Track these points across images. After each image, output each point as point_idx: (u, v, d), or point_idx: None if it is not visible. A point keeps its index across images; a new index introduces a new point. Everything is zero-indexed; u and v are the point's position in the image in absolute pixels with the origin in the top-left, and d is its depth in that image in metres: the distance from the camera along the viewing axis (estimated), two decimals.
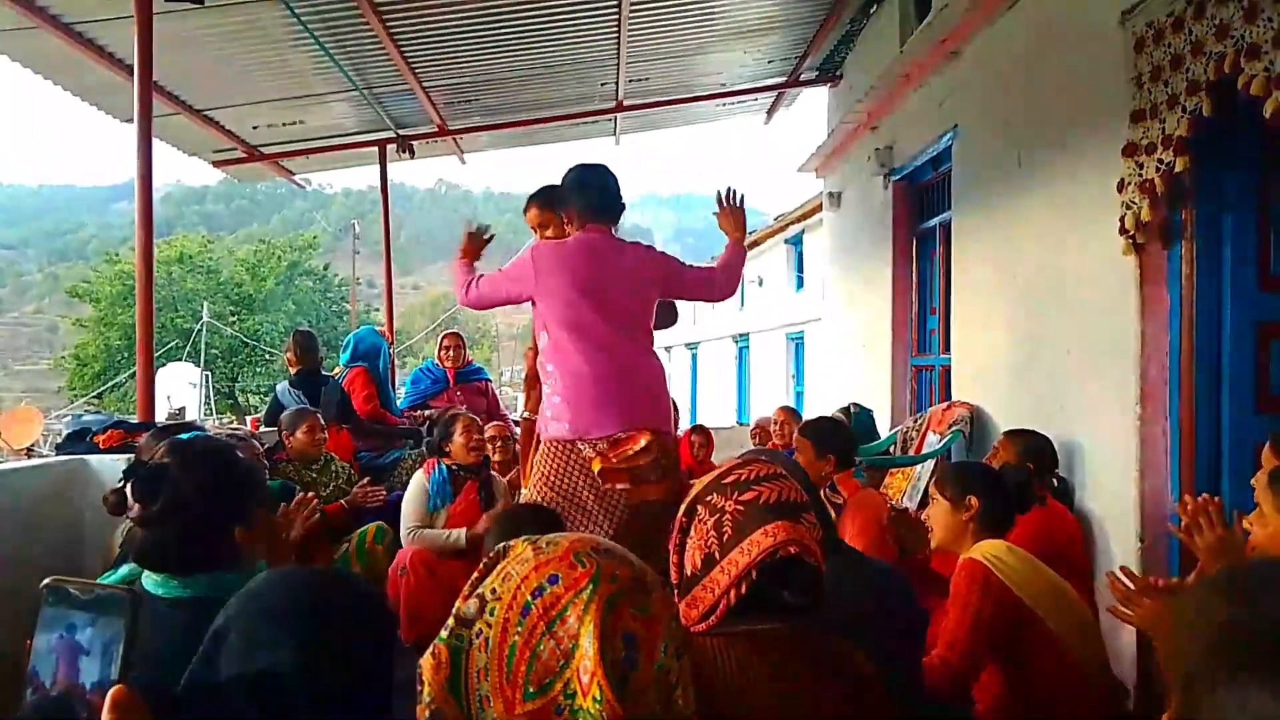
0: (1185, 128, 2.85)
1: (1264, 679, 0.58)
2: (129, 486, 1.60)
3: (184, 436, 2.22)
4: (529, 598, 0.96)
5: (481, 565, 1.04)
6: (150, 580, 1.59)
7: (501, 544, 1.06)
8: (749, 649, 1.33)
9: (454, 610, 1.00)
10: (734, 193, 3.14)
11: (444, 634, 0.99)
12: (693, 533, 1.46)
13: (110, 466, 3.24)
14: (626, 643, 0.93)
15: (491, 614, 0.97)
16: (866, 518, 3.04)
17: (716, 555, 1.38)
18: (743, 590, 1.33)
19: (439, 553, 3.72)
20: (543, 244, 2.91)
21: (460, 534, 3.74)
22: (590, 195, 2.88)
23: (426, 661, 0.98)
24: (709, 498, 1.45)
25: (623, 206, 2.95)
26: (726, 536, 1.39)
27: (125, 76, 5.01)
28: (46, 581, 1.08)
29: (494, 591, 0.99)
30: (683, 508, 1.51)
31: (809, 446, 3.35)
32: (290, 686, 1.08)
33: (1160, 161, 2.97)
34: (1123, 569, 1.92)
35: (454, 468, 3.93)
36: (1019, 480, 2.46)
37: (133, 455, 2.85)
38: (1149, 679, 2.98)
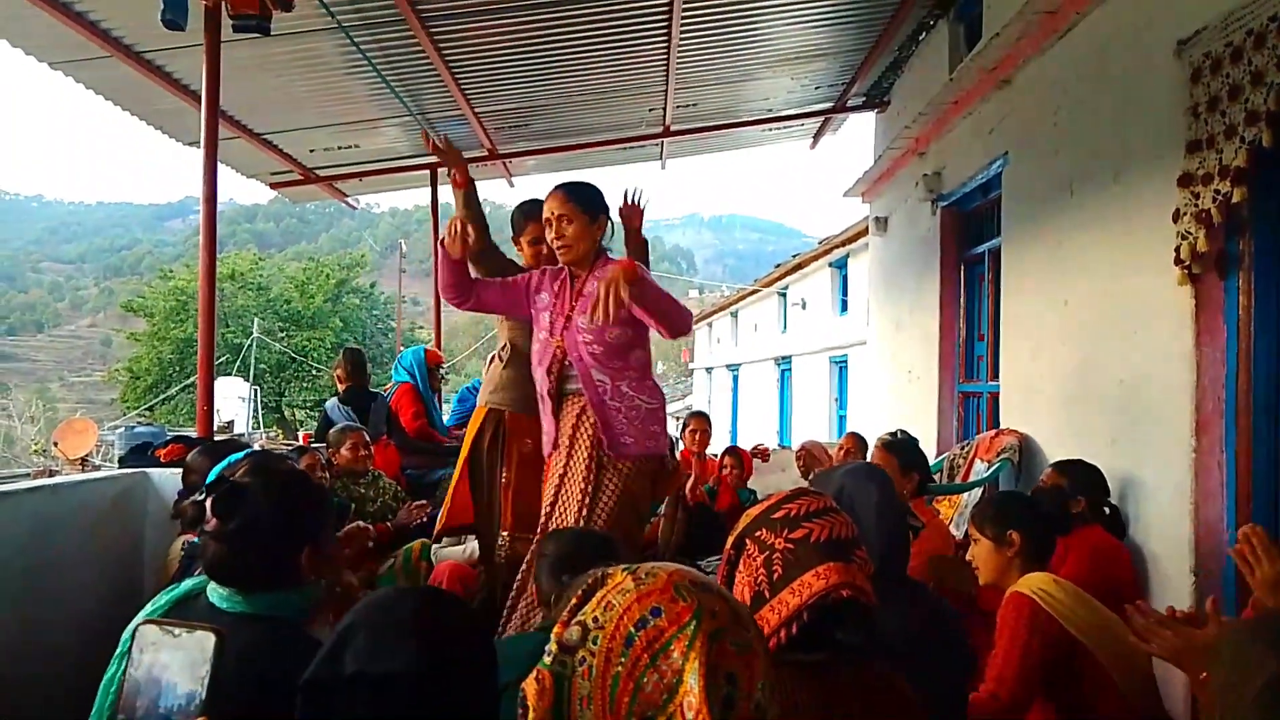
0: (1244, 158, 2.83)
1: None
2: (209, 501, 1.66)
3: (261, 458, 2.30)
4: (632, 629, 0.96)
5: (580, 591, 1.06)
6: (216, 594, 1.65)
7: (600, 570, 1.07)
8: (798, 680, 1.33)
9: (555, 635, 1.02)
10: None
11: (547, 660, 1.00)
12: (741, 567, 1.45)
13: (170, 480, 3.33)
14: (729, 680, 0.94)
15: (594, 642, 0.97)
16: (934, 548, 3.03)
17: (766, 594, 1.38)
18: (793, 630, 1.34)
19: (467, 563, 3.77)
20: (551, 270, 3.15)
21: (475, 546, 3.75)
22: None
23: (530, 686, 0.99)
24: (758, 533, 1.45)
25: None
26: (777, 575, 1.39)
27: (192, 102, 5.19)
28: (139, 622, 1.16)
29: (596, 620, 0.99)
30: (730, 540, 1.52)
31: (895, 463, 3.32)
32: (411, 690, 1.17)
33: (1217, 192, 2.94)
34: (1139, 603, 1.88)
35: None
36: (1055, 503, 2.45)
37: (181, 470, 2.94)
38: (1199, 715, 2.92)
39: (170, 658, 1.17)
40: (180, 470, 3.35)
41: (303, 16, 4.51)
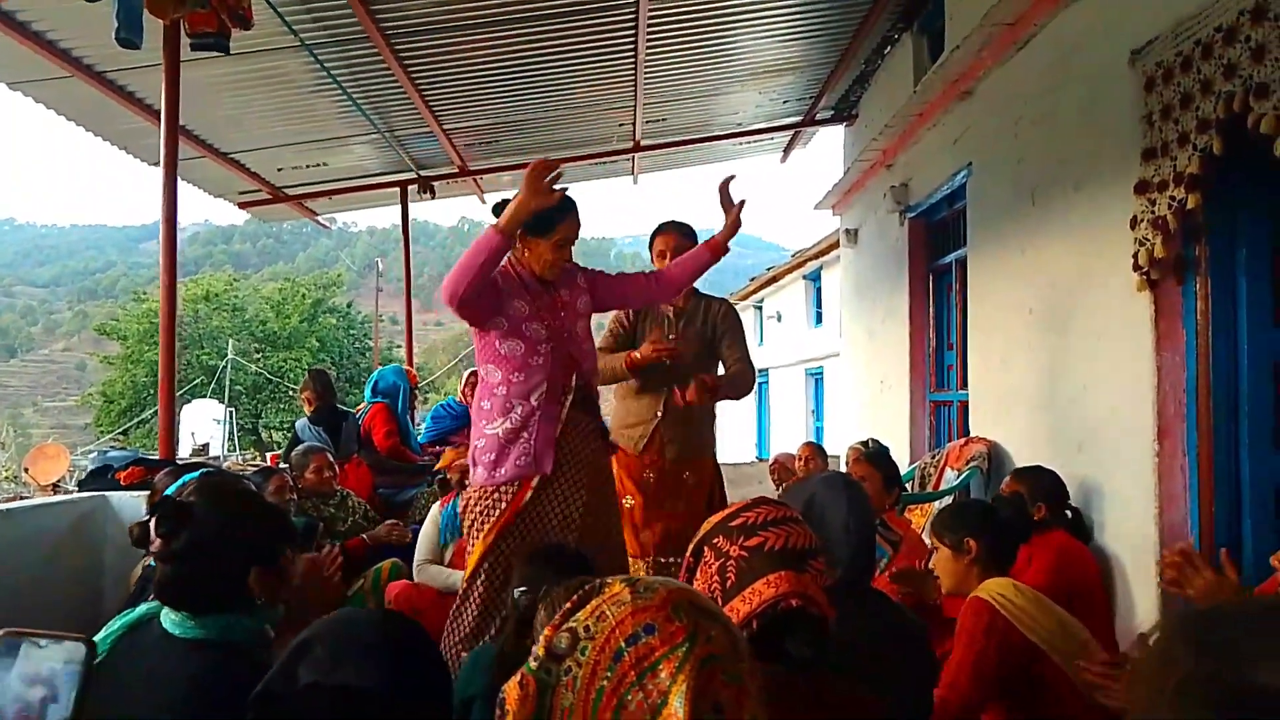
0: (1196, 165, 2.86)
1: None
2: (153, 521, 1.63)
3: (211, 477, 2.26)
4: (622, 643, 0.93)
5: (574, 597, 1.02)
6: (169, 620, 1.61)
7: (598, 580, 1.04)
8: None
9: (543, 640, 0.98)
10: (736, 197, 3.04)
11: (532, 664, 0.96)
12: (699, 574, 1.45)
13: (131, 503, 3.29)
14: (715, 709, 0.90)
15: (583, 653, 0.94)
16: (913, 562, 3.03)
17: (719, 601, 1.37)
18: None
19: (442, 590, 3.67)
20: None
21: (459, 577, 3.66)
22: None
23: (512, 691, 0.96)
24: (715, 540, 1.45)
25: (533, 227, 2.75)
26: (730, 583, 1.38)
27: (155, 122, 5.14)
28: (2, 633, 1.14)
29: (588, 629, 0.96)
30: (690, 548, 1.52)
31: (879, 478, 3.31)
32: (367, 704, 1.17)
33: (1172, 199, 2.98)
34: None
35: None
36: (1013, 511, 2.45)
37: (145, 492, 2.90)
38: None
39: (34, 670, 1.14)
40: (141, 493, 3.32)
41: (265, 35, 4.49)
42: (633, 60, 5.71)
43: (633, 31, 5.31)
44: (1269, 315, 3.03)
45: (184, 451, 15.70)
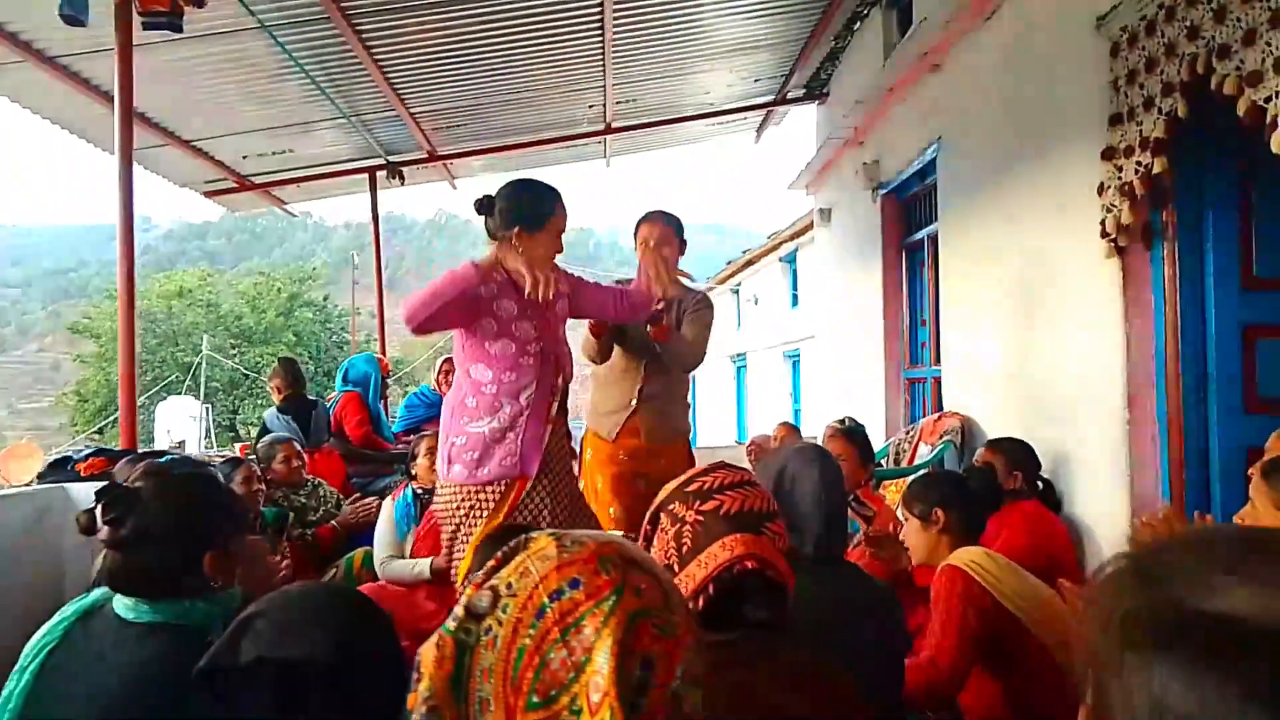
0: (1162, 129, 2.85)
1: (1167, 658, 0.56)
2: (99, 508, 1.59)
3: (162, 461, 2.21)
4: (546, 599, 0.88)
5: (500, 555, 0.96)
6: (121, 605, 1.57)
7: (524, 535, 0.98)
8: (711, 659, 1.28)
9: (464, 600, 0.93)
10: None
11: (451, 625, 0.91)
12: (655, 542, 1.43)
13: (90, 494, 3.22)
14: (643, 665, 0.86)
15: (504, 611, 0.89)
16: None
17: (675, 567, 1.35)
18: (700, 604, 1.30)
19: (411, 582, 3.62)
20: None
21: (425, 566, 3.55)
22: (502, 209, 2.73)
23: (429, 652, 0.90)
24: (671, 506, 1.42)
25: (529, 221, 2.71)
26: (686, 548, 1.35)
27: (112, 108, 5.04)
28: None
29: (510, 587, 0.91)
30: (648, 515, 1.49)
31: (854, 454, 3.31)
32: (314, 678, 1.15)
33: (1139, 164, 2.97)
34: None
35: (418, 491, 3.79)
36: (983, 482, 2.44)
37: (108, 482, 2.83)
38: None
39: None
40: (101, 484, 3.24)
41: (222, 15, 4.40)
42: (600, 38, 5.65)
43: (599, 8, 5.24)
44: (1236, 279, 3.04)
45: (161, 448, 15.51)
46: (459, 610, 0.92)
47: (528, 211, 2.69)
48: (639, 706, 0.84)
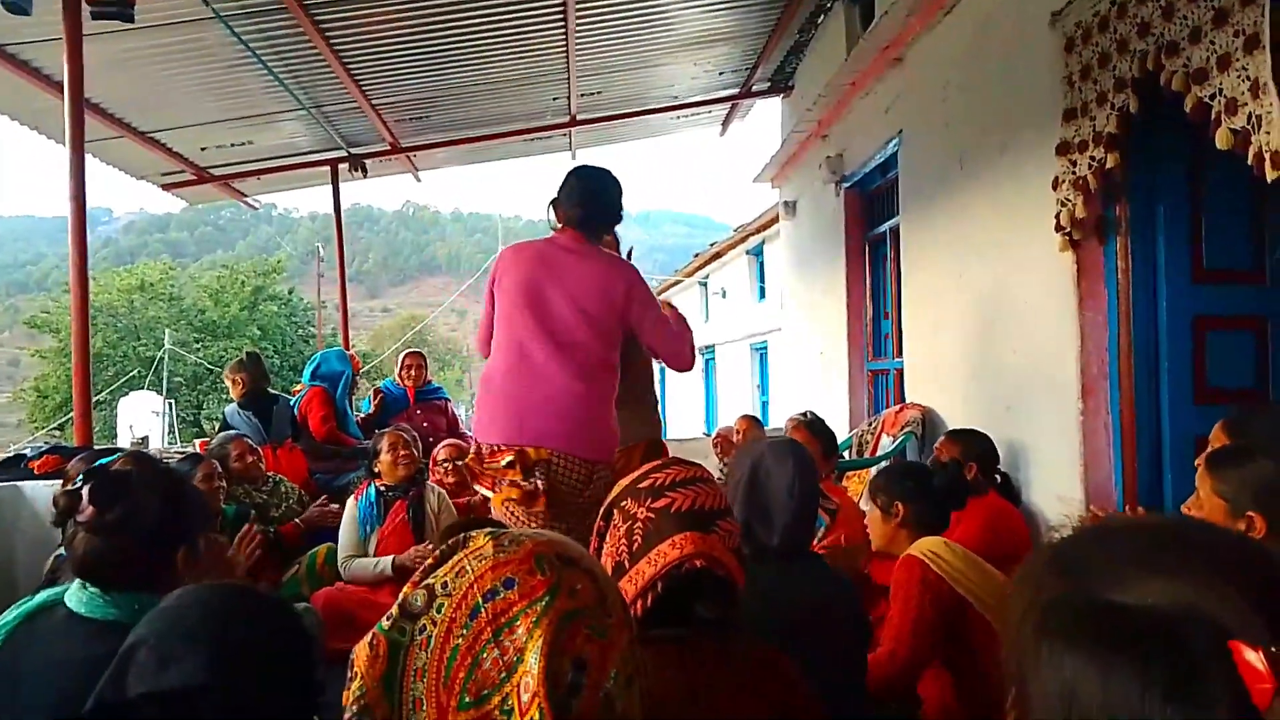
0: (1115, 124, 2.89)
1: (1079, 648, 0.57)
2: (86, 489, 1.55)
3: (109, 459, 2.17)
4: (480, 599, 0.88)
5: (437, 553, 0.97)
6: (76, 599, 1.54)
7: (462, 534, 0.98)
8: (659, 657, 1.26)
9: (400, 599, 0.93)
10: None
11: (385, 624, 0.91)
12: (608, 538, 1.42)
13: (44, 492, 3.17)
14: (575, 666, 0.86)
15: (439, 610, 0.90)
16: (851, 530, 3.04)
17: (626, 564, 1.34)
18: (649, 603, 1.29)
19: (373, 582, 3.57)
20: (508, 247, 2.81)
21: (387, 563, 3.56)
22: (572, 199, 2.72)
23: (362, 651, 0.90)
24: (624, 503, 1.41)
25: (607, 219, 2.81)
26: (636, 545, 1.35)
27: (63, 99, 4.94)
28: None
29: (445, 586, 0.91)
30: (601, 511, 1.48)
31: (818, 447, 3.33)
32: (202, 703, 1.06)
33: (1092, 159, 3.01)
34: None
35: (382, 488, 3.79)
36: (948, 479, 2.47)
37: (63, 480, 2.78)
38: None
39: None
40: (54, 482, 3.19)
41: (176, 5, 4.32)
42: (563, 30, 5.61)
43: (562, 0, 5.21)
44: (1187, 273, 3.09)
45: (123, 444, 15.26)
46: (394, 609, 0.92)
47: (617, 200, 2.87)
48: (570, 707, 0.84)
